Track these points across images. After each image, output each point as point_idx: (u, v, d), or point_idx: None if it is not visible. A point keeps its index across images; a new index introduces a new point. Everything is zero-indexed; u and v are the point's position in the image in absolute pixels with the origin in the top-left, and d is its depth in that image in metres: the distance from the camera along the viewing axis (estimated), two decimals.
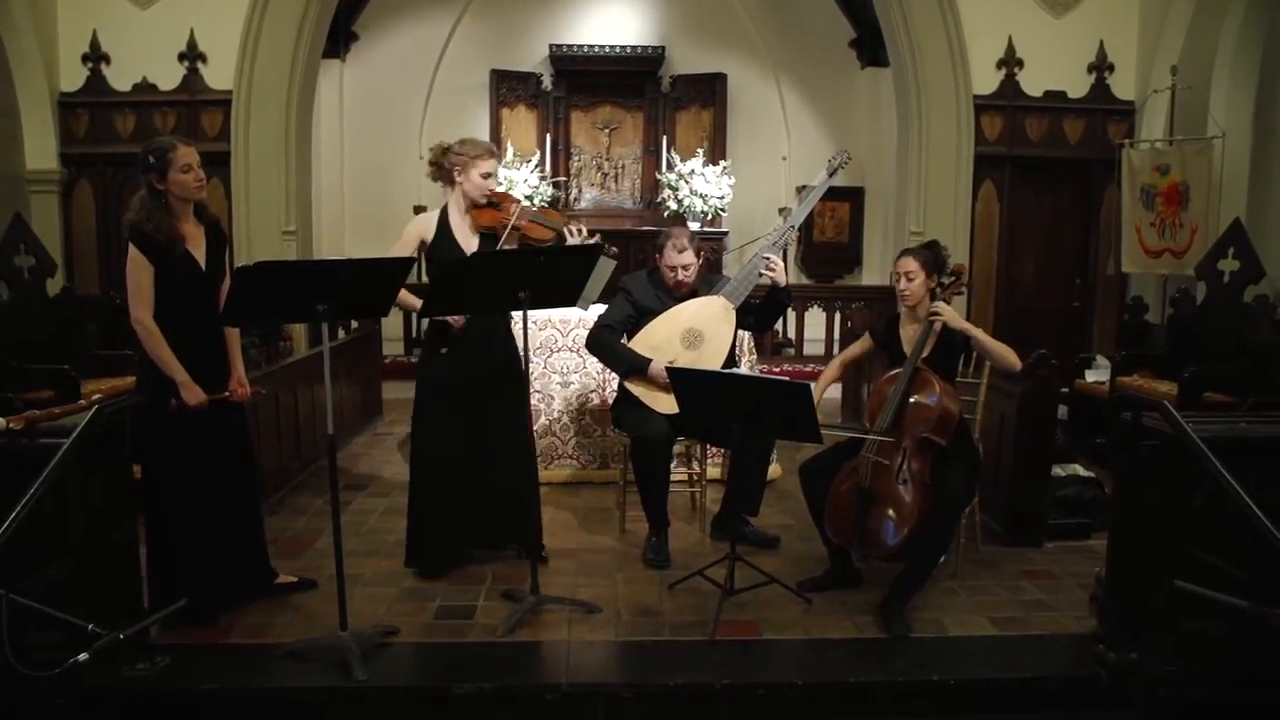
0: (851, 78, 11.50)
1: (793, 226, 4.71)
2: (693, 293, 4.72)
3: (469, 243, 4.29)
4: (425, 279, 4.55)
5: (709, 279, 4.85)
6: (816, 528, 4.21)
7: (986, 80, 8.36)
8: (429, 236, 4.27)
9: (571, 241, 4.32)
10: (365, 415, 7.56)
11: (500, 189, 4.41)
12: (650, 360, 4.51)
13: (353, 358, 7.29)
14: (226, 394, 3.85)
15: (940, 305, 4.09)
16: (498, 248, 4.24)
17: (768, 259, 4.58)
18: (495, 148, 4.47)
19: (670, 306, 4.67)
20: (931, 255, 4.22)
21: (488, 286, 3.78)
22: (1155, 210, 7.74)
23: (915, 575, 3.92)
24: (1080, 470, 5.20)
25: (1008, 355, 4.08)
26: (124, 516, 3.58)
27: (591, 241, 4.35)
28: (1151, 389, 6.13)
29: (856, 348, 4.52)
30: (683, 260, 4.64)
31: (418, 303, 4.08)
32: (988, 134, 8.43)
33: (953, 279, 4.24)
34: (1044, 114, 8.46)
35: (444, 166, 4.31)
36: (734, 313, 4.64)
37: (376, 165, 11.16)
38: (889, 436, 3.93)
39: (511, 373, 4.26)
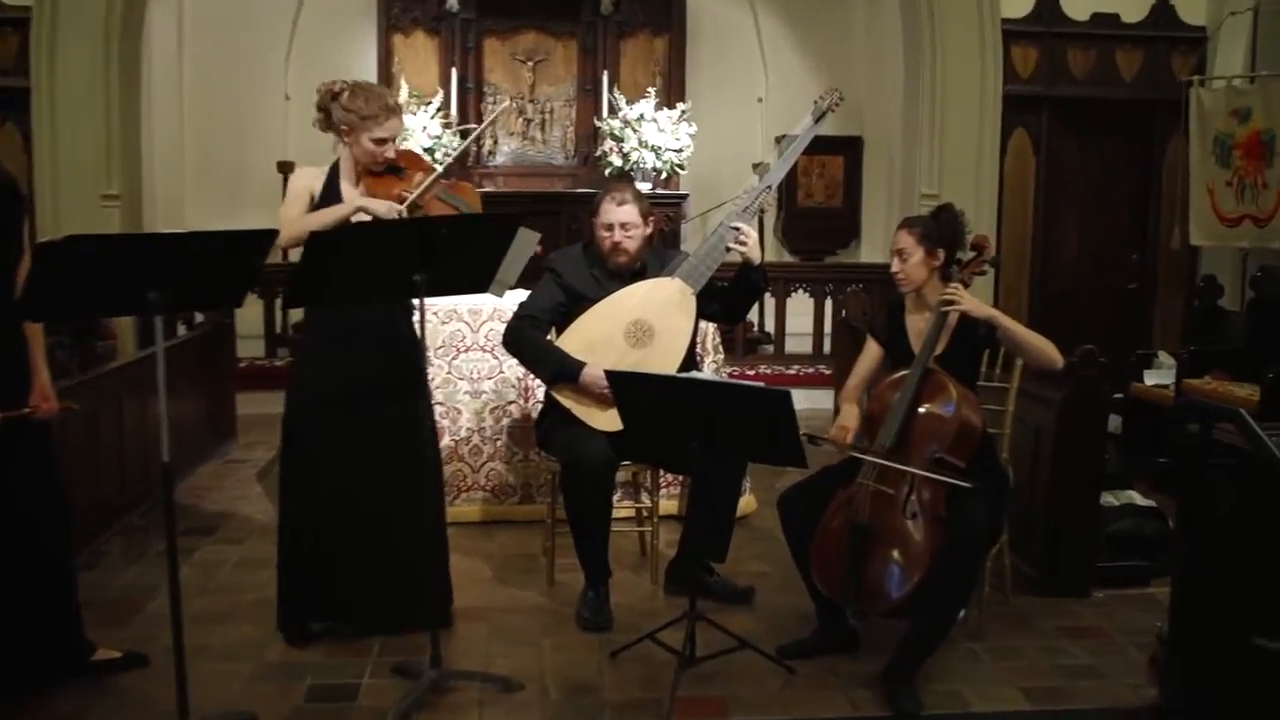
0: None
1: (769, 187, 4.73)
2: (640, 273, 4.73)
3: (359, 213, 4.27)
4: None
5: (662, 255, 4.86)
6: (801, 576, 4.23)
7: (1019, 1, 8.46)
8: (317, 194, 4.28)
9: None
10: (213, 436, 7.49)
11: (405, 146, 4.37)
12: (585, 363, 4.52)
13: (197, 362, 7.22)
14: (26, 410, 3.79)
15: (957, 289, 4.12)
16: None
17: (737, 229, 4.60)
18: (397, 101, 4.43)
19: (612, 290, 4.68)
20: (934, 225, 4.24)
21: (370, 268, 3.76)
22: (1232, 166, 7.89)
23: (927, 636, 3.95)
24: (1137, 498, 5.27)
25: (1046, 349, 4.13)
26: None
27: None
28: (1227, 393, 6.24)
29: (865, 362, 4.48)
30: (621, 215, 4.64)
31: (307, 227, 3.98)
32: (1020, 69, 8.55)
33: (973, 255, 4.28)
34: (1091, 43, 8.60)
35: (331, 117, 4.29)
36: (694, 299, 4.66)
37: (228, 111, 11.04)
38: (893, 461, 3.96)
39: (415, 374, 4.27)
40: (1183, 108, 8.24)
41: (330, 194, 4.27)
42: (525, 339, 4.68)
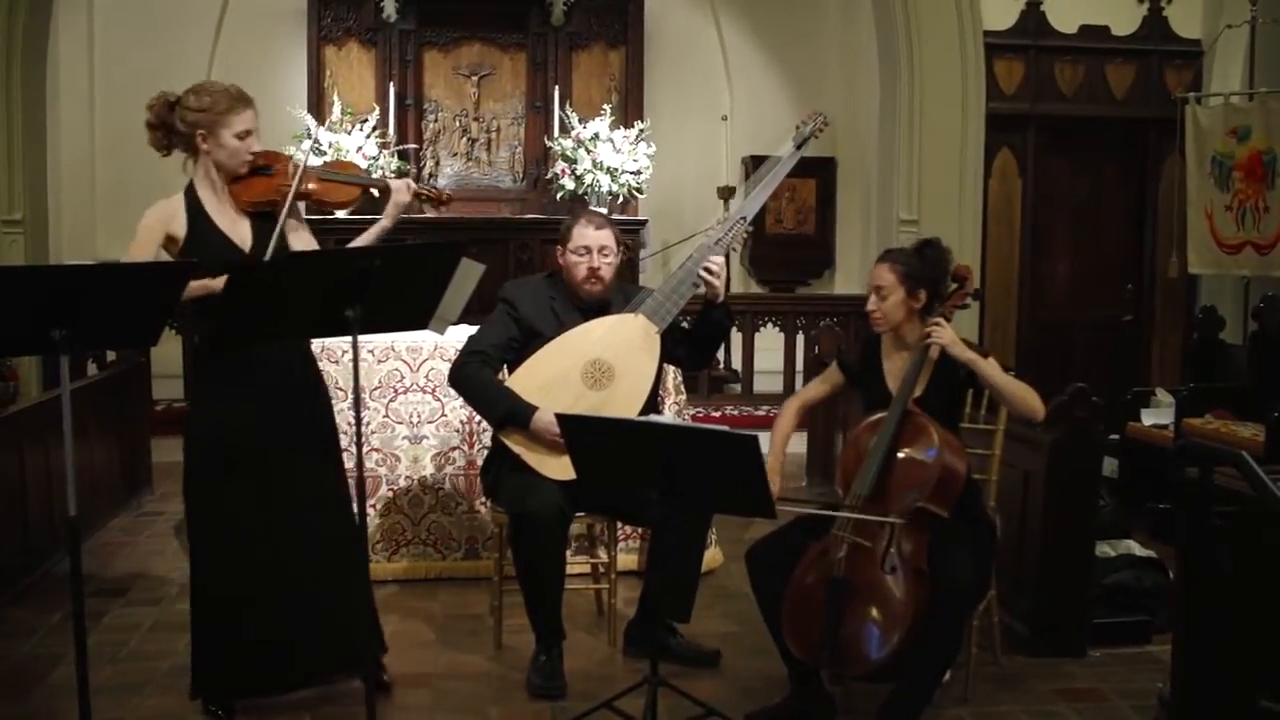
0: (818, 6, 11.69)
1: (743, 219, 4.74)
2: (603, 308, 4.74)
3: (238, 230, 4.22)
4: None
5: (626, 291, 4.86)
6: (771, 637, 4.22)
7: (1002, 12, 8.56)
8: (180, 231, 4.20)
9: (397, 197, 4.30)
10: (126, 487, 7.43)
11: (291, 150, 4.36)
12: (536, 406, 4.50)
13: (108, 404, 7.17)
14: None
15: (939, 325, 4.15)
16: (280, 228, 4.16)
17: (709, 267, 4.59)
18: (245, 91, 4.31)
19: (572, 326, 4.67)
20: (918, 263, 4.25)
21: (299, 304, 3.74)
22: (1232, 188, 7.99)
23: (910, 701, 3.95)
24: (1136, 548, 5.31)
25: (1026, 398, 4.13)
26: None
27: (426, 192, 4.44)
28: (1230, 434, 6.29)
29: (819, 385, 4.56)
30: (600, 239, 4.65)
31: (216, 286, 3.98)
32: (1004, 85, 8.64)
33: (955, 287, 4.30)
34: (1080, 57, 8.71)
35: (174, 129, 4.26)
36: (658, 339, 4.67)
37: (144, 130, 10.93)
38: (869, 514, 3.97)
39: (319, 407, 4.26)
40: (1178, 126, 8.33)
41: (198, 222, 4.20)
42: (473, 377, 4.65)
